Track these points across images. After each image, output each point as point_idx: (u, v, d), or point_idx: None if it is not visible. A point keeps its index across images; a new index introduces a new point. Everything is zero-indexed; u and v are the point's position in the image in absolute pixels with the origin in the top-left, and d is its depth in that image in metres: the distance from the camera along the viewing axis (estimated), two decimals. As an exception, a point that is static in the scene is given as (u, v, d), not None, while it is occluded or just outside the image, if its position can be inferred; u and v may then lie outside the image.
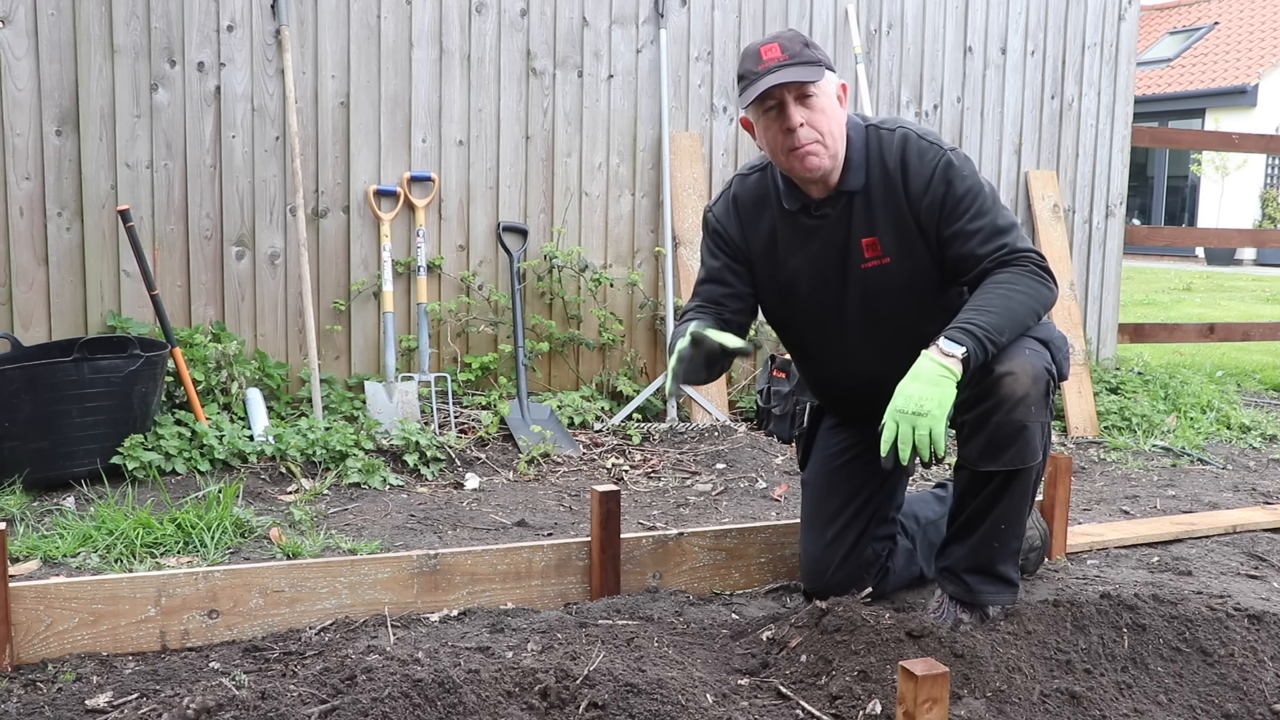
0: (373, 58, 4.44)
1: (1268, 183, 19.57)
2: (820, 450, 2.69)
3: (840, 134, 2.33)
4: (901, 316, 2.40)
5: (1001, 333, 2.17)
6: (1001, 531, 2.33)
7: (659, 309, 4.97)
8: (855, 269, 2.39)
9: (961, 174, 2.32)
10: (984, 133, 5.61)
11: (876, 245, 2.37)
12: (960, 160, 2.34)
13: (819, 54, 2.30)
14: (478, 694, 1.85)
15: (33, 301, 4.04)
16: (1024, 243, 2.29)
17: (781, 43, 2.27)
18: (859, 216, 2.37)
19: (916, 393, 2.10)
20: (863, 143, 2.37)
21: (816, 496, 2.64)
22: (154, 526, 3.03)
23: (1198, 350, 7.32)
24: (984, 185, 2.33)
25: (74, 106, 4.02)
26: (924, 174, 2.32)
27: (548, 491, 3.79)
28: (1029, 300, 2.22)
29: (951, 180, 2.31)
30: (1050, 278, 2.28)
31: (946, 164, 2.32)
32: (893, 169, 2.34)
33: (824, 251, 2.41)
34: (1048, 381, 2.27)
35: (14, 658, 2.17)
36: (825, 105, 2.29)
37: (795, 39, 2.29)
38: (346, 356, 4.53)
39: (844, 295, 2.43)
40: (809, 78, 2.25)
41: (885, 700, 1.91)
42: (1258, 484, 4.14)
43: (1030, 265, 2.26)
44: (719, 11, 5.02)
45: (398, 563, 2.48)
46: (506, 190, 4.72)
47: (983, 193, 2.32)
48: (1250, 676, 2.10)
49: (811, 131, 2.28)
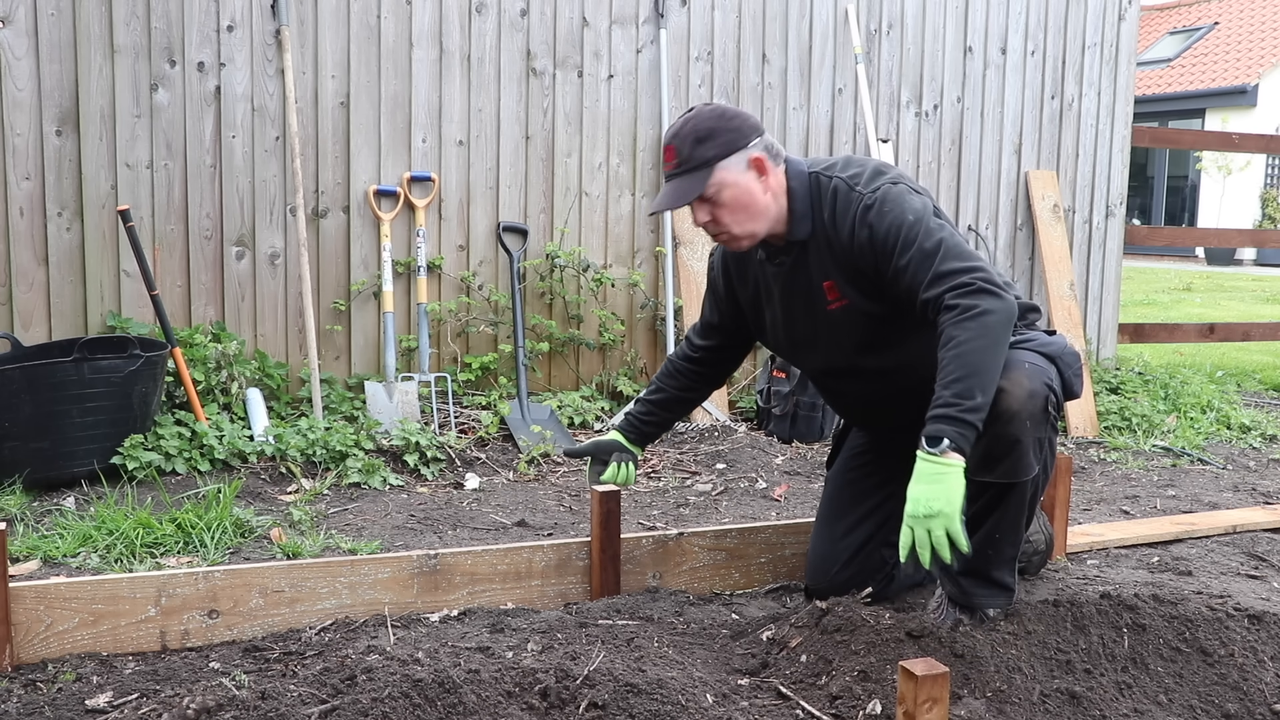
0: (373, 58, 4.44)
1: (1268, 183, 19.56)
2: (846, 449, 2.74)
3: (758, 208, 2.33)
4: (880, 347, 2.41)
5: (974, 394, 2.07)
6: (996, 540, 2.34)
7: (659, 309, 4.97)
8: (822, 311, 2.42)
9: (880, 214, 2.26)
10: (984, 133, 5.61)
11: (835, 288, 2.38)
12: (879, 199, 2.27)
13: (711, 150, 2.28)
14: (478, 694, 1.85)
15: (33, 301, 4.04)
16: (952, 262, 2.18)
17: (676, 144, 2.30)
18: (814, 262, 2.40)
19: (924, 495, 2.04)
20: (806, 191, 2.38)
21: (833, 493, 2.67)
22: (154, 526, 3.03)
23: (1198, 350, 7.32)
24: (906, 214, 2.24)
25: (74, 106, 4.02)
26: (848, 225, 2.32)
27: (548, 491, 3.79)
28: (990, 341, 2.11)
29: (871, 224, 2.27)
30: (995, 289, 2.15)
31: (863, 210, 2.28)
32: (828, 220, 2.36)
33: (792, 296, 2.46)
34: (1046, 398, 2.25)
35: (14, 658, 2.17)
36: (728, 198, 2.30)
37: (689, 137, 2.29)
38: (346, 356, 4.53)
39: (817, 336, 2.47)
40: (685, 199, 2.30)
41: (885, 700, 1.91)
42: (1258, 484, 4.14)
43: (973, 288, 2.14)
44: (719, 11, 5.02)
45: (398, 563, 2.48)
46: (506, 190, 4.72)
47: (904, 222, 2.23)
48: (1250, 676, 2.10)
49: (716, 225, 2.34)
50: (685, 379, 2.74)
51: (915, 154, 5.46)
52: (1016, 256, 5.72)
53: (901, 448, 2.58)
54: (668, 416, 2.76)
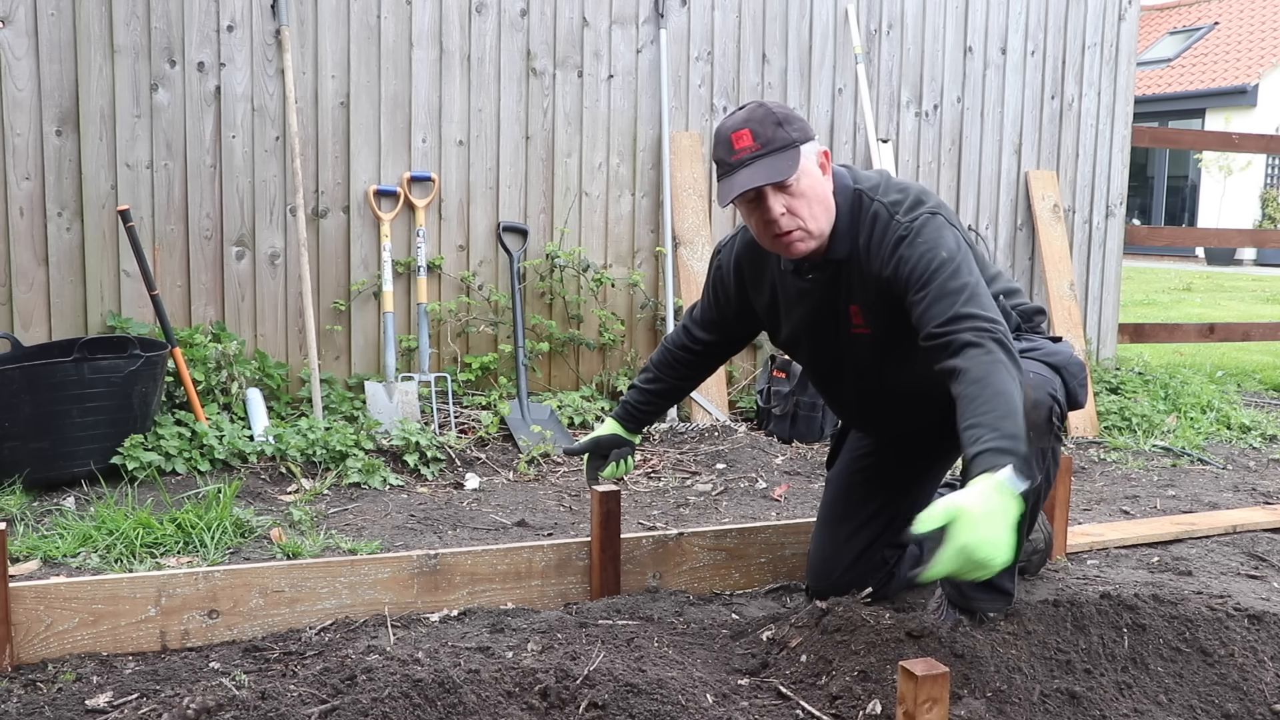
0: (373, 58, 4.44)
1: (1268, 183, 19.56)
2: (848, 450, 2.71)
3: (824, 210, 2.24)
4: (899, 378, 2.39)
5: (1022, 435, 1.97)
6: None
7: (659, 309, 4.97)
8: (846, 334, 2.38)
9: (915, 243, 2.19)
10: (984, 133, 5.61)
11: (859, 313, 2.34)
12: (917, 228, 2.20)
13: (793, 131, 2.18)
14: (478, 694, 1.85)
15: (33, 301, 4.04)
16: (974, 307, 2.10)
17: (752, 127, 2.17)
18: (845, 284, 2.33)
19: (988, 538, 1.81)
20: (849, 209, 2.29)
21: (836, 495, 2.65)
22: (154, 526, 3.02)
23: (1198, 350, 7.32)
24: (940, 249, 2.17)
25: (74, 106, 4.02)
26: (883, 254, 2.23)
27: (548, 491, 3.79)
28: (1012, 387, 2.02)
29: (902, 256, 2.19)
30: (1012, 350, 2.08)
31: (898, 240, 2.21)
32: (863, 244, 2.28)
33: (816, 315, 2.40)
34: (1050, 408, 2.25)
35: (14, 658, 2.17)
36: (805, 188, 2.19)
37: (766, 120, 2.18)
38: (346, 356, 4.53)
39: (839, 357, 2.44)
40: (783, 175, 2.15)
41: (885, 700, 1.91)
42: (1258, 484, 4.14)
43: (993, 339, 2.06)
44: (719, 11, 5.02)
45: (398, 563, 2.48)
46: (506, 190, 4.72)
47: (937, 257, 2.17)
48: (1250, 676, 2.10)
49: (793, 219, 2.20)
50: (684, 369, 2.72)
51: (915, 154, 5.46)
52: (1016, 256, 5.71)
53: (904, 450, 2.59)
54: (664, 405, 2.77)
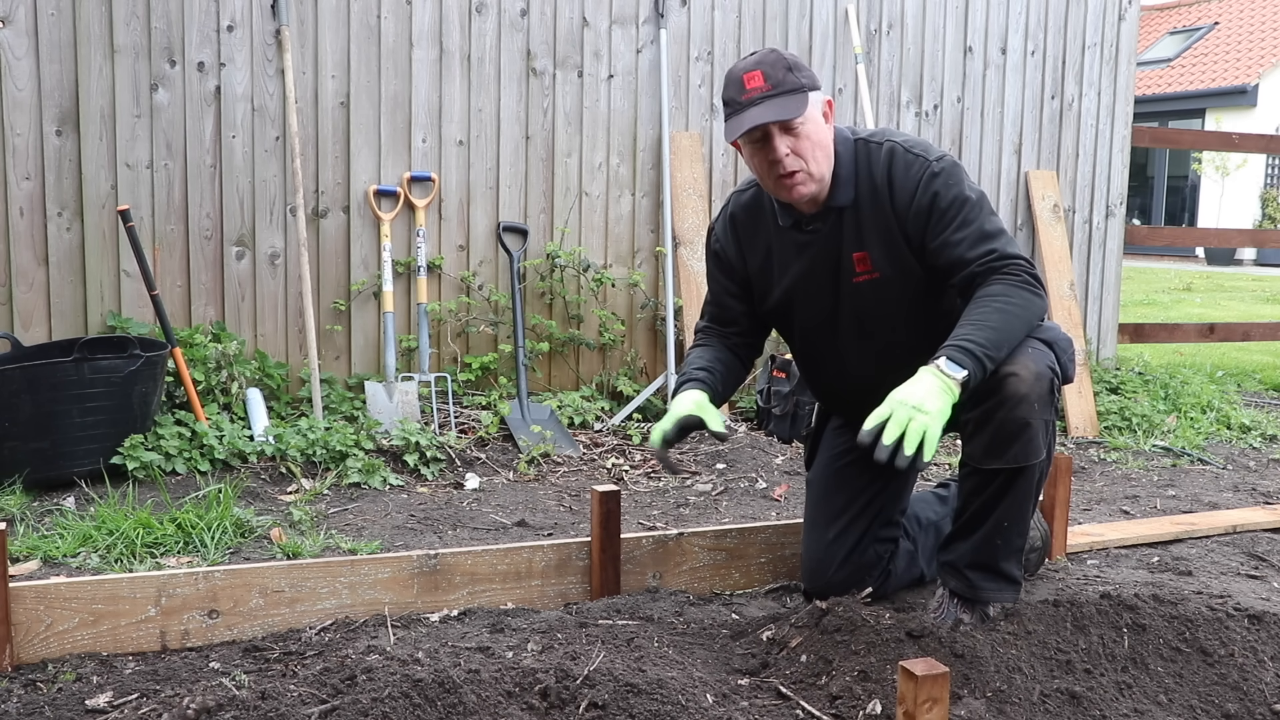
0: (373, 58, 4.44)
1: (1268, 183, 19.57)
2: (826, 450, 2.70)
3: (826, 156, 2.33)
4: (896, 328, 2.42)
5: (999, 348, 2.16)
6: (1005, 529, 2.34)
7: (659, 309, 4.97)
8: (847, 283, 2.41)
9: (947, 183, 2.30)
10: (984, 133, 5.61)
11: (867, 260, 2.37)
12: (947, 169, 2.32)
13: (802, 77, 2.28)
14: (478, 694, 1.85)
15: (33, 301, 4.04)
16: (1013, 248, 2.27)
17: (764, 69, 2.25)
18: (849, 231, 2.38)
19: (920, 393, 2.06)
20: (851, 157, 2.37)
21: (820, 495, 2.65)
22: (154, 526, 3.03)
23: (1198, 350, 7.32)
24: (970, 193, 2.31)
25: (74, 106, 4.02)
26: (909, 187, 2.31)
27: (548, 491, 3.79)
28: (1024, 313, 2.21)
29: (937, 191, 2.29)
30: (1040, 287, 2.26)
31: (930, 175, 2.31)
32: (880, 183, 2.34)
33: (816, 267, 2.43)
34: (1051, 380, 2.27)
35: (14, 658, 2.17)
36: (810, 131, 2.28)
37: (778, 64, 2.27)
38: (346, 356, 4.53)
39: (838, 309, 2.45)
40: (791, 114, 2.24)
41: (885, 700, 1.91)
42: (1258, 484, 4.14)
43: (1022, 275, 2.24)
44: (719, 11, 5.02)
45: (398, 563, 2.48)
46: (507, 190, 4.72)
47: (969, 200, 2.29)
48: (1250, 676, 2.10)
49: (797, 160, 2.28)
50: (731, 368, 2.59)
51: (915, 154, 5.46)
52: (1016, 256, 5.71)
53: None
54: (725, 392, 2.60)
